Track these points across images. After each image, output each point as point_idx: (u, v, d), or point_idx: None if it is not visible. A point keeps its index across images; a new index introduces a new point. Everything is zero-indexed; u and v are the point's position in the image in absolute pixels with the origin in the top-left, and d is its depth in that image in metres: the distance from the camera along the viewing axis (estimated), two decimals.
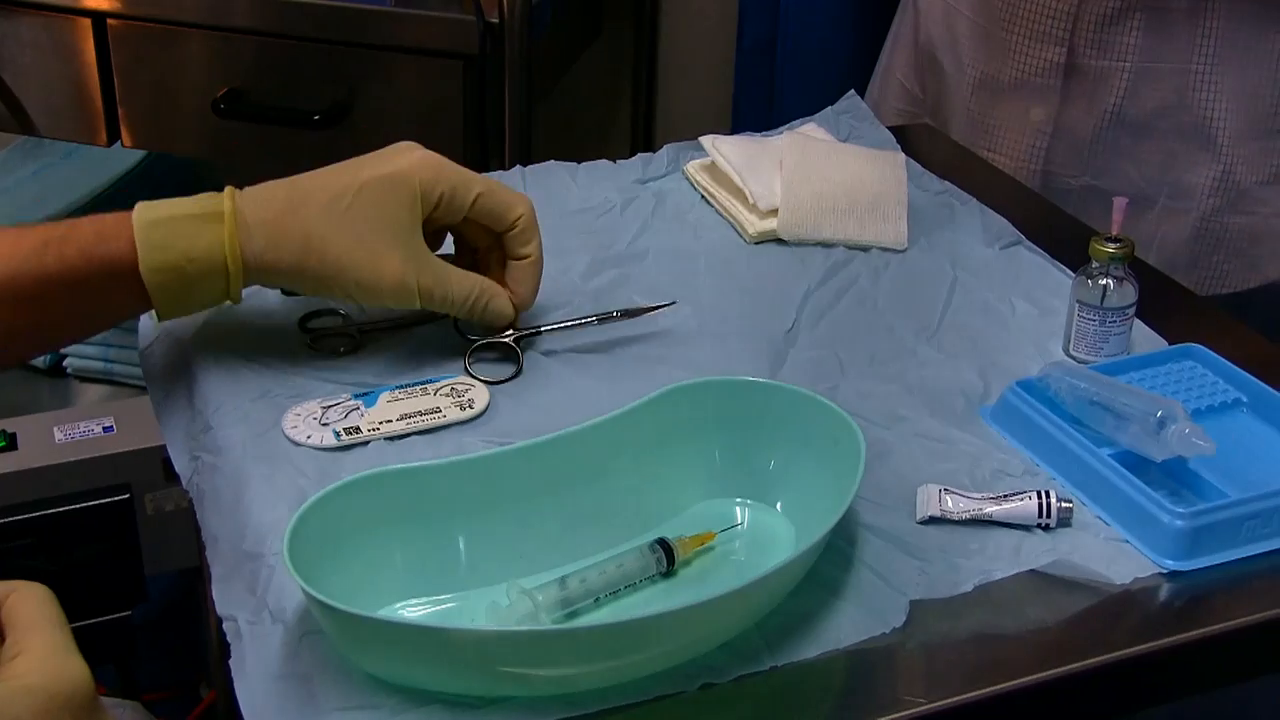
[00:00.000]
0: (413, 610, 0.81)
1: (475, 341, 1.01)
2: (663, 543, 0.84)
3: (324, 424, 0.92)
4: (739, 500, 0.90)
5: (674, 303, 1.05)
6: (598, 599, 0.81)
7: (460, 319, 1.01)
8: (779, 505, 0.89)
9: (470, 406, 0.94)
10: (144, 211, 0.93)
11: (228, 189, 0.95)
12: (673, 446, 0.89)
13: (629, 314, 1.04)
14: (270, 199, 0.95)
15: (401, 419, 0.93)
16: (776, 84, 2.02)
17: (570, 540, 0.85)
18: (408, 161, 0.97)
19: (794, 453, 0.88)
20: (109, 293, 0.94)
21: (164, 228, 0.93)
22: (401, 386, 0.96)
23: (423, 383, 0.96)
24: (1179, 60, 1.27)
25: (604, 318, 1.03)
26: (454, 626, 0.78)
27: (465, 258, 1.03)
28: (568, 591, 0.81)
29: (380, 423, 0.92)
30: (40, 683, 0.65)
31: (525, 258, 1.01)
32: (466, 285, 0.98)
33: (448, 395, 0.95)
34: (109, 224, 0.93)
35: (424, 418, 0.93)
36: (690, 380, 0.90)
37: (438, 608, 0.82)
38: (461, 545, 0.83)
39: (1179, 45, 1.27)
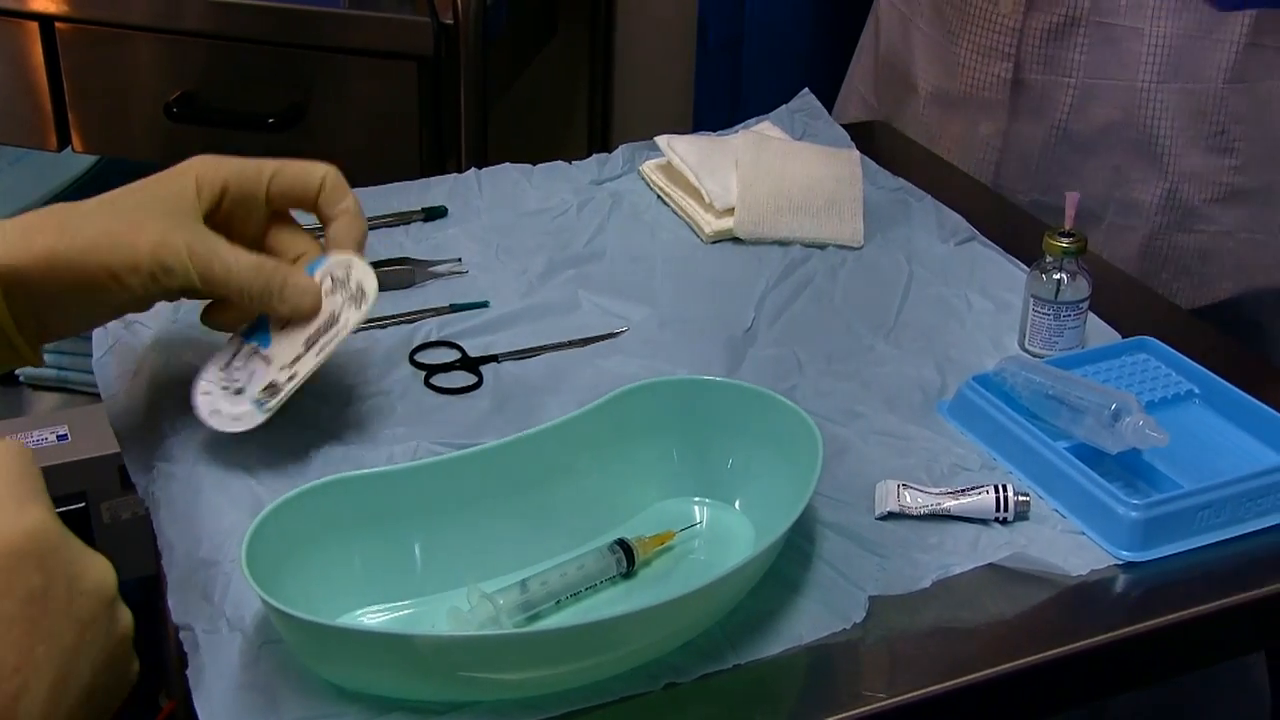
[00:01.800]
0: (373, 617, 0.81)
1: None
2: (622, 543, 0.84)
3: (236, 391, 0.88)
4: (698, 499, 0.90)
5: (626, 330, 1.05)
6: (559, 601, 0.81)
7: (258, 308, 0.90)
8: (737, 504, 0.89)
9: (363, 297, 0.88)
10: None
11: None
12: (631, 446, 0.89)
13: (585, 342, 1.03)
14: (39, 212, 0.86)
15: (308, 347, 0.88)
16: (743, 85, 2.03)
17: (530, 542, 0.85)
18: (188, 160, 0.89)
19: (752, 451, 0.88)
20: None
21: None
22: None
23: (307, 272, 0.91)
24: (1125, 77, 1.26)
25: (557, 346, 1.03)
26: (415, 633, 0.78)
27: None
28: (529, 595, 0.80)
29: (290, 362, 0.88)
30: None
31: (341, 215, 0.92)
32: (254, 259, 0.87)
33: (333, 292, 0.89)
34: None
35: (326, 335, 0.88)
36: (647, 380, 0.90)
37: (398, 614, 0.81)
38: (420, 550, 0.83)
39: (1125, 62, 1.26)
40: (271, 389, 0.88)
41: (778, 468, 0.86)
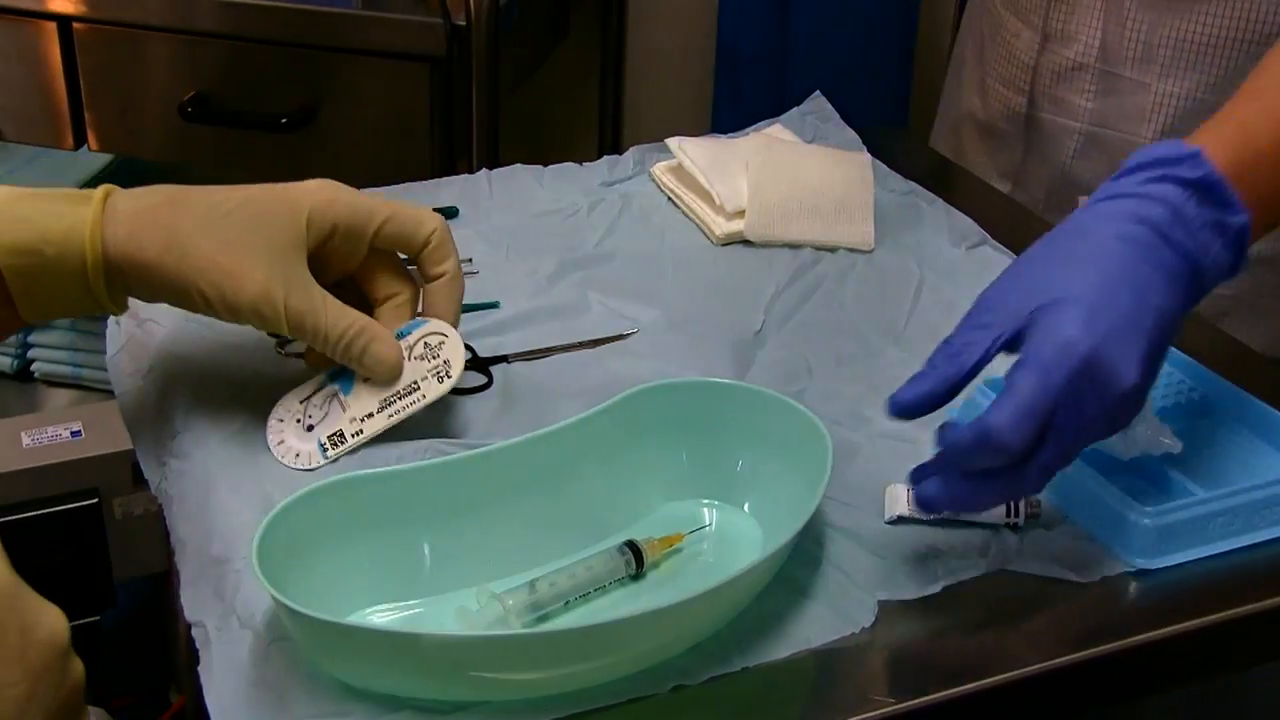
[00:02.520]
0: (381, 616, 0.81)
1: None
2: (631, 545, 0.84)
3: (308, 428, 0.90)
4: (706, 501, 0.90)
5: (636, 331, 1.05)
6: (567, 602, 0.81)
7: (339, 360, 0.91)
8: (746, 506, 0.89)
9: (447, 374, 0.90)
10: (10, 189, 0.86)
11: (107, 186, 0.88)
12: (640, 448, 0.89)
13: (594, 343, 1.03)
14: (150, 194, 0.87)
15: (381, 408, 0.90)
16: (786, 98, 2.02)
17: (539, 543, 0.85)
18: (303, 188, 0.89)
19: (761, 454, 0.88)
20: None
21: (28, 203, 0.85)
22: None
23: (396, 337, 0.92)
24: (1128, 130, 1.24)
25: (567, 347, 1.03)
26: (423, 632, 0.78)
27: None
28: (537, 595, 0.80)
29: (362, 417, 0.90)
30: None
31: (441, 275, 0.93)
32: (345, 319, 0.88)
33: (421, 358, 0.91)
34: None
35: (403, 400, 0.90)
36: (657, 382, 0.90)
37: (406, 613, 0.81)
38: (429, 550, 0.83)
39: (1129, 114, 1.24)
40: (338, 438, 0.90)
41: (787, 471, 0.86)
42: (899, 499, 0.88)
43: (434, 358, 0.91)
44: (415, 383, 0.90)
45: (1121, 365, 0.76)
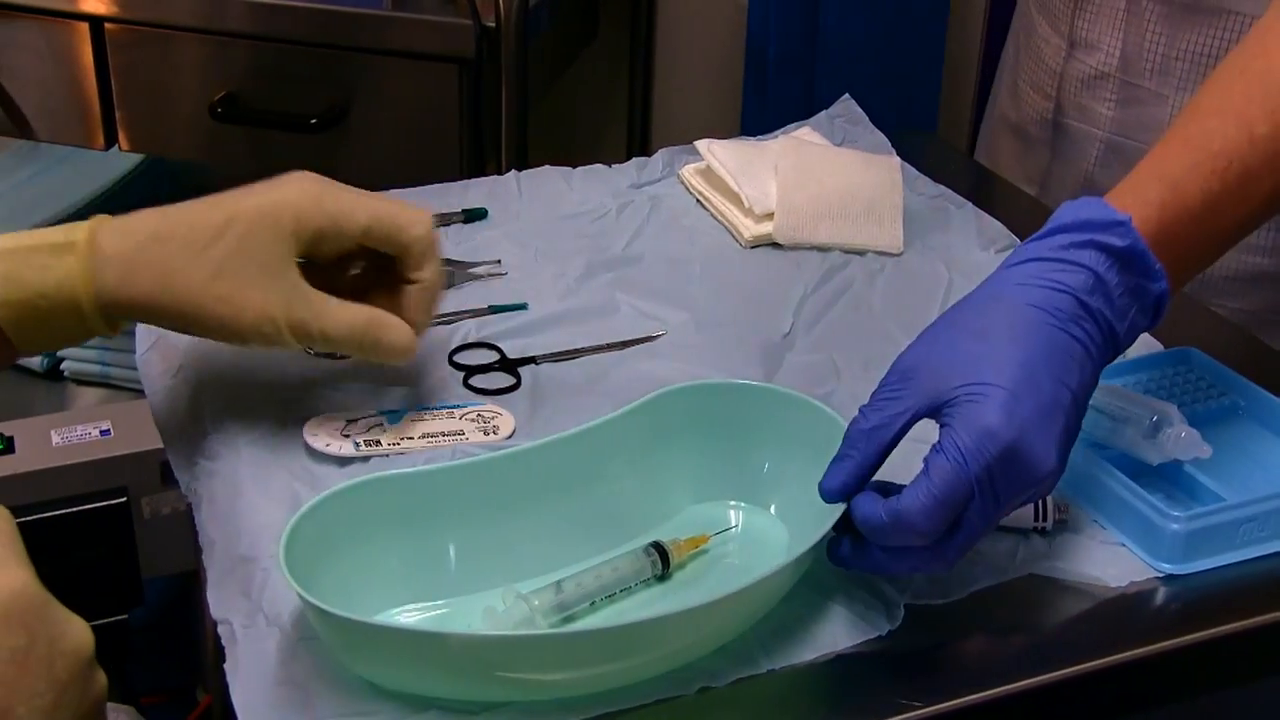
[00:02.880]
0: (408, 616, 0.81)
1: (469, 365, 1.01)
2: (658, 546, 0.84)
3: (345, 435, 0.91)
4: (733, 503, 0.90)
5: (664, 333, 1.05)
6: (593, 602, 0.81)
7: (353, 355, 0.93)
8: (773, 508, 0.89)
9: (495, 432, 0.93)
10: None
11: (96, 218, 0.88)
12: (667, 449, 0.89)
13: (622, 345, 1.04)
14: (133, 230, 0.87)
15: (423, 437, 0.92)
16: (811, 93, 2.01)
17: (565, 544, 0.85)
18: (284, 192, 0.89)
19: (787, 455, 0.88)
20: None
21: (14, 259, 0.85)
22: (428, 408, 0.95)
23: (450, 406, 0.95)
24: (1146, 140, 1.23)
25: (595, 349, 1.03)
26: (451, 631, 0.78)
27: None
28: (564, 595, 0.81)
29: (401, 439, 0.92)
30: None
31: (417, 282, 0.92)
32: (348, 317, 0.89)
33: (473, 420, 0.94)
34: None
35: (446, 439, 0.92)
36: (684, 383, 0.90)
37: (433, 613, 0.82)
38: (455, 550, 0.83)
39: (1147, 125, 1.24)
40: (374, 444, 0.91)
41: (813, 472, 0.85)
42: None
43: (485, 422, 0.94)
44: (462, 430, 0.93)
45: (1040, 452, 0.76)
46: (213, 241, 0.87)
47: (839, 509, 0.80)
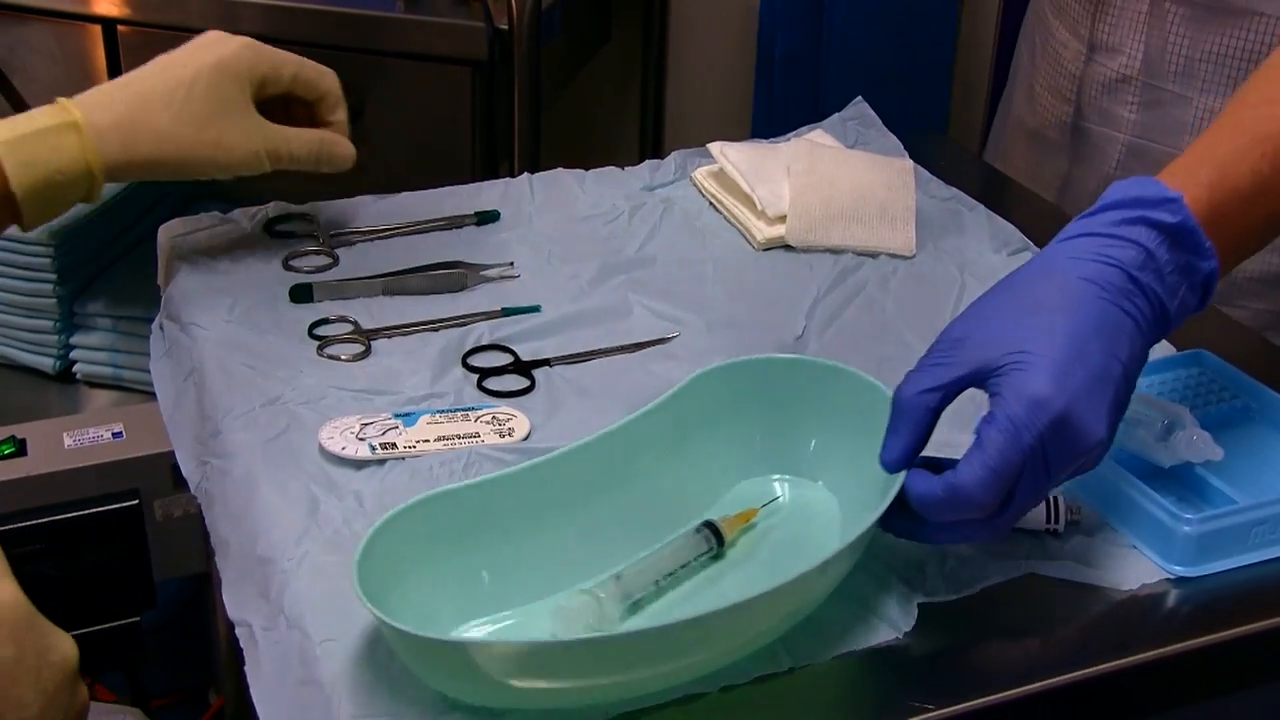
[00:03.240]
0: (478, 630, 0.80)
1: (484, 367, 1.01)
2: (709, 524, 0.85)
3: (361, 438, 0.92)
4: (778, 477, 0.90)
5: (677, 335, 1.05)
6: (658, 583, 0.82)
7: (308, 170, 1.10)
8: (820, 480, 0.89)
9: (509, 434, 0.93)
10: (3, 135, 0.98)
11: (60, 100, 1.02)
12: (711, 430, 0.89)
13: (636, 347, 1.04)
14: (111, 103, 1.02)
15: (439, 440, 0.92)
16: (819, 95, 2.01)
17: (621, 539, 0.85)
18: (230, 49, 1.06)
19: (831, 425, 0.88)
20: None
21: (27, 145, 0.98)
22: (443, 411, 0.95)
23: (465, 409, 0.96)
24: (1170, 143, 1.24)
25: (609, 351, 1.03)
26: (537, 640, 0.77)
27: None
28: (626, 583, 0.81)
29: (417, 442, 0.92)
30: None
31: (335, 123, 1.12)
32: (308, 138, 1.09)
33: (488, 423, 0.94)
34: None
35: (461, 441, 0.92)
36: (721, 363, 0.90)
37: (503, 624, 0.80)
38: (513, 560, 0.82)
39: (1170, 128, 1.24)
40: (390, 446, 0.91)
41: (857, 440, 0.84)
42: None
43: (500, 425, 0.94)
44: (477, 432, 0.93)
45: (1091, 422, 0.76)
46: (187, 98, 1.03)
47: (890, 477, 0.79)
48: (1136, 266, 0.80)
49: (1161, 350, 1.06)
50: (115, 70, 1.69)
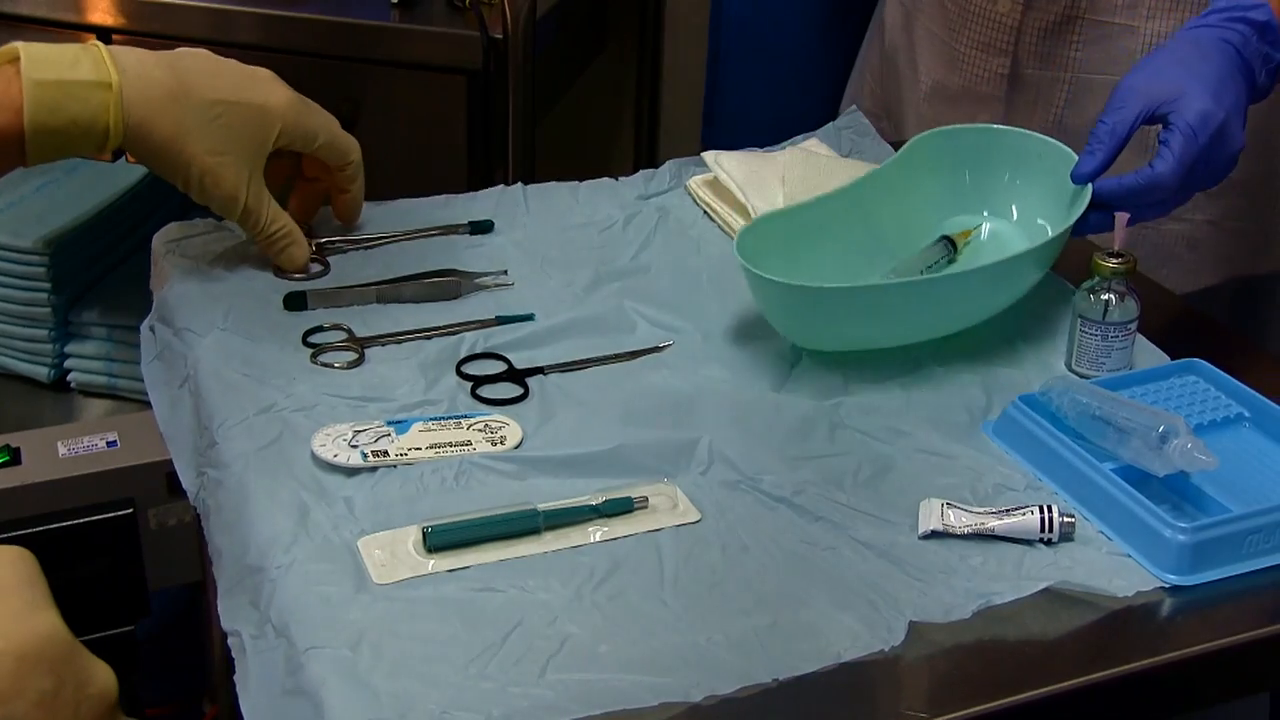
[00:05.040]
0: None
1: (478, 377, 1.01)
2: (946, 238, 1.12)
3: (353, 445, 0.92)
4: (983, 215, 1.16)
5: (671, 343, 1.06)
6: (921, 272, 1.10)
7: (264, 249, 1.12)
8: (1014, 217, 1.15)
9: (502, 442, 0.94)
10: (32, 68, 1.00)
11: (103, 50, 1.03)
12: (928, 178, 1.16)
13: (630, 355, 1.04)
14: (151, 80, 1.04)
15: (431, 448, 0.92)
16: (754, 91, 2.02)
17: (884, 250, 1.13)
18: (279, 100, 1.08)
19: (1023, 173, 1.15)
20: None
21: (58, 91, 1.00)
22: (435, 419, 0.95)
23: (457, 416, 0.96)
24: (1118, 71, 1.24)
25: (603, 360, 1.03)
26: (872, 284, 1.07)
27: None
28: (899, 271, 1.09)
29: (409, 449, 0.92)
30: (6, 647, 0.65)
31: (349, 192, 1.15)
32: (279, 221, 1.10)
33: (480, 430, 0.94)
34: None
35: (454, 449, 0.93)
36: (944, 128, 1.17)
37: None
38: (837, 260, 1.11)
39: (1118, 58, 1.30)
40: (381, 454, 0.91)
41: (1046, 183, 1.12)
42: (933, 514, 0.88)
43: (493, 433, 0.94)
44: (469, 440, 0.93)
45: (1236, 132, 1.06)
46: (216, 119, 1.05)
47: (1074, 199, 1.06)
48: (1240, 44, 1.09)
49: (1155, 358, 1.06)
50: None
